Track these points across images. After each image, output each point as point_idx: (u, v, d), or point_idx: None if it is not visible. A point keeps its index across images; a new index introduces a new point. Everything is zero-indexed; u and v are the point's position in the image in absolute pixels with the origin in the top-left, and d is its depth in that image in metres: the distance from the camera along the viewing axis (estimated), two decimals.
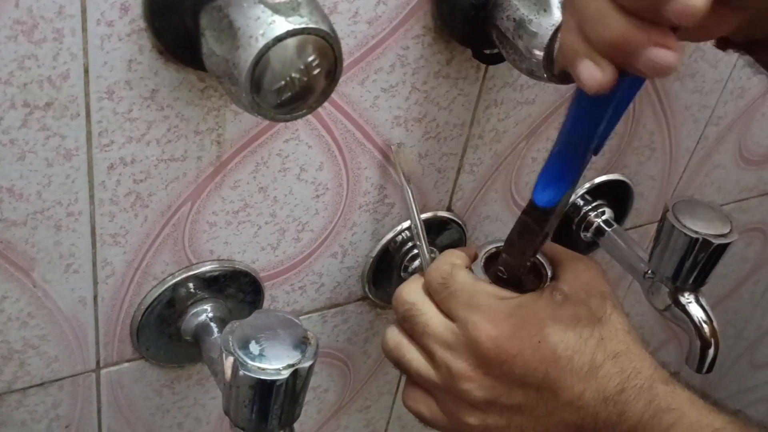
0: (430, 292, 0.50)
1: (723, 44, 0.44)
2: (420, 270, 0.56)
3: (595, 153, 0.46)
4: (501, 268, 0.50)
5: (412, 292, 0.51)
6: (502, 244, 0.50)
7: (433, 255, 0.55)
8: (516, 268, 0.50)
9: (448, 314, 0.48)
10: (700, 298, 0.63)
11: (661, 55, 0.34)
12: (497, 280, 0.51)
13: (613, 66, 0.36)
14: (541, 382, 0.46)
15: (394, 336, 0.51)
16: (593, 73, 0.36)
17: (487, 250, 0.52)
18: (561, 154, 0.44)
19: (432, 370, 0.49)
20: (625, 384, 0.45)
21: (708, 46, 0.49)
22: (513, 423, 0.47)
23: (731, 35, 0.42)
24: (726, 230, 0.60)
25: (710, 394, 0.47)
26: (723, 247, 0.59)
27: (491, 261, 0.51)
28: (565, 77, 0.47)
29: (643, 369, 0.46)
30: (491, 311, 0.47)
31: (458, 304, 0.48)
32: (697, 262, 0.60)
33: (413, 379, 0.51)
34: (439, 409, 0.50)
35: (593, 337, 0.46)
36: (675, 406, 0.45)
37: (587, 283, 0.49)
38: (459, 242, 0.62)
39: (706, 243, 0.59)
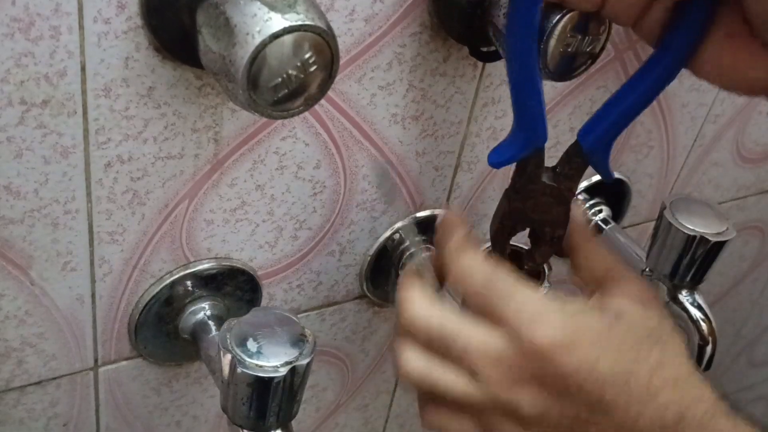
0: (465, 299, 0.45)
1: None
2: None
3: (607, 179, 0.46)
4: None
5: (427, 308, 0.45)
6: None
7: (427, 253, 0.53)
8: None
9: (490, 320, 0.44)
10: (698, 296, 0.63)
11: None
12: None
13: None
14: (596, 402, 0.42)
15: (419, 361, 0.45)
16: None
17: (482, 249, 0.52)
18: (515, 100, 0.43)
19: (474, 387, 0.44)
20: (685, 413, 0.41)
21: None
22: None
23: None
24: (723, 228, 0.60)
25: None
26: (720, 245, 0.60)
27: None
28: (561, 75, 0.47)
29: (704, 398, 0.42)
30: (546, 319, 0.42)
31: (507, 311, 0.43)
32: (695, 259, 0.60)
33: (448, 401, 0.45)
34: (476, 428, 0.45)
35: (652, 359, 0.42)
36: None
37: (644, 301, 0.45)
38: None
39: (703, 240, 0.59)
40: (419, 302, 0.45)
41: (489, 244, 0.51)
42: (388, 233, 0.59)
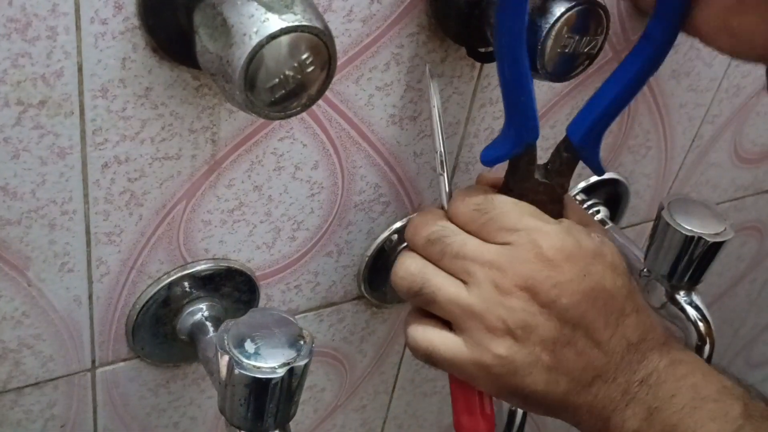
0: (458, 222, 0.47)
1: None
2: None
3: (598, 174, 0.47)
4: None
5: (435, 218, 0.47)
6: None
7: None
8: None
9: (486, 240, 0.46)
10: (696, 297, 0.63)
11: None
12: None
13: None
14: (579, 319, 0.45)
15: (416, 261, 0.47)
16: None
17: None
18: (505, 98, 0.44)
19: (466, 292, 0.45)
20: (645, 335, 0.46)
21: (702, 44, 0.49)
22: (540, 362, 0.45)
23: None
24: (721, 228, 0.60)
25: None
26: (718, 245, 0.60)
27: None
28: (559, 75, 0.47)
29: (657, 326, 0.48)
30: (545, 230, 0.45)
31: (502, 227, 0.45)
32: (693, 260, 0.60)
33: (439, 305, 0.46)
34: (462, 340, 0.45)
35: (625, 288, 0.47)
36: (688, 361, 0.47)
37: (615, 245, 0.48)
38: None
39: (701, 241, 0.59)
40: (423, 216, 0.48)
41: None
42: (386, 234, 0.58)
